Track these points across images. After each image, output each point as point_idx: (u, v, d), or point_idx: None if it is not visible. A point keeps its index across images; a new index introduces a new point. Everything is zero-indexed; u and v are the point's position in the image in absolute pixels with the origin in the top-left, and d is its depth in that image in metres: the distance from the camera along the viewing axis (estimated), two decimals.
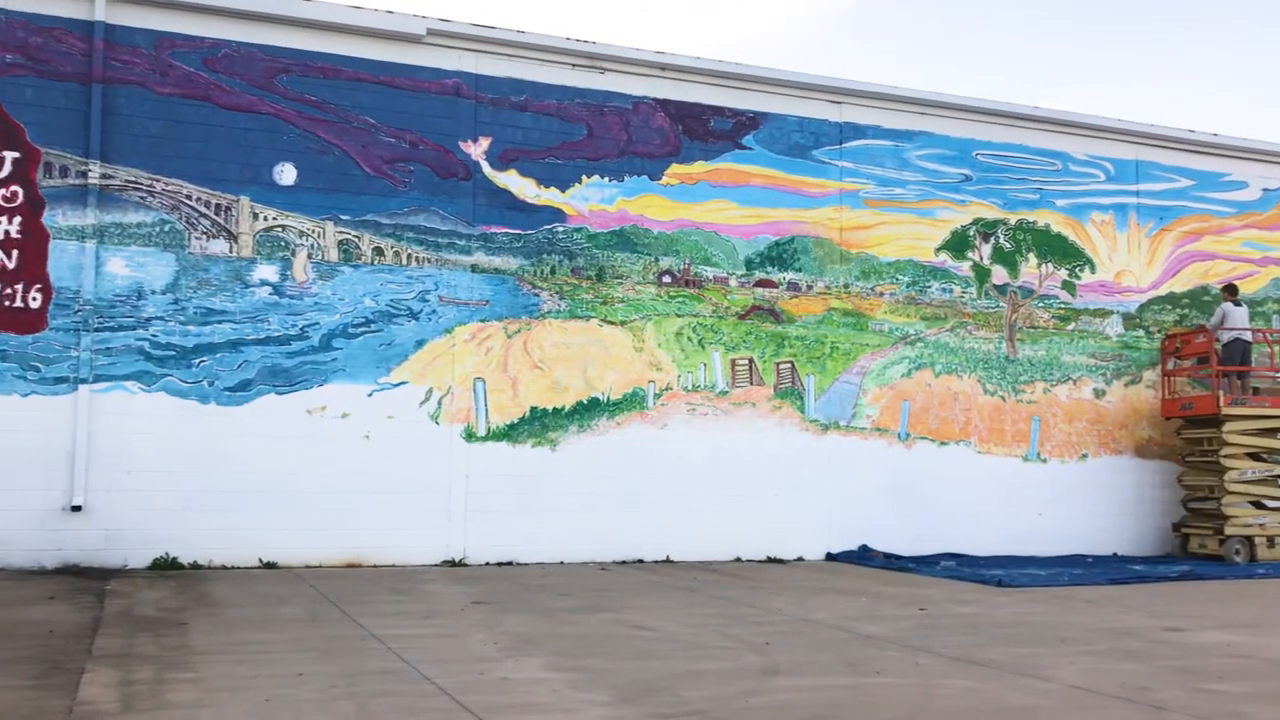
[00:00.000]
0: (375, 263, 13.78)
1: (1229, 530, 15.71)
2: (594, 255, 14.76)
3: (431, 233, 14.04)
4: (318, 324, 13.47)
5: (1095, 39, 43.60)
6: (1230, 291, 17.03)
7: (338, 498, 13.20)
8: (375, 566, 13.15)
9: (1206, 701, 6.35)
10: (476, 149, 14.31)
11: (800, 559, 15.10)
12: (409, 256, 13.93)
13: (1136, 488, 17.22)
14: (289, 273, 13.43)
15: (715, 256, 15.35)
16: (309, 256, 13.52)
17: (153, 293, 12.88)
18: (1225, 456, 15.94)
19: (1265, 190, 18.73)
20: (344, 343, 13.52)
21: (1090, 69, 43.33)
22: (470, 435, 13.90)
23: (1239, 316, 16.66)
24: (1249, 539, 15.73)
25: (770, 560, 14.88)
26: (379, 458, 13.43)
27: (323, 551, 13.03)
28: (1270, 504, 16.18)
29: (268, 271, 13.36)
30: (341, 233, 13.68)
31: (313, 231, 13.56)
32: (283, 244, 13.45)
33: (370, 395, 13.54)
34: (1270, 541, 15.76)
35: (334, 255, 13.63)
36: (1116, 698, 6.41)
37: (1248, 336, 16.73)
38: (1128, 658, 7.83)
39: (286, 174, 13.52)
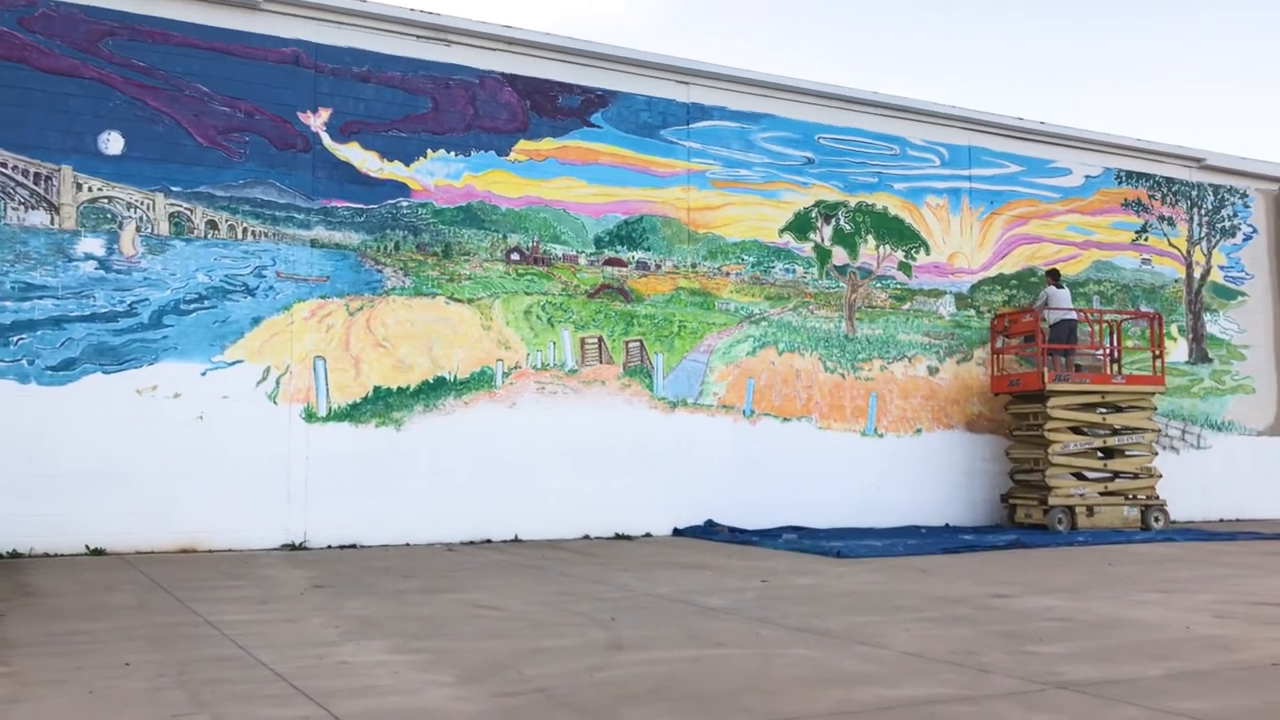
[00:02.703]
0: (209, 236, 13.26)
1: (1052, 500, 16.51)
2: (440, 231, 14.52)
3: (269, 206, 13.59)
4: (147, 300, 12.89)
5: (933, 27, 45.06)
6: (1053, 276, 17.89)
7: (170, 481, 12.70)
8: (211, 551, 12.71)
9: (1028, 663, 6.67)
10: (316, 120, 13.89)
11: (648, 535, 15.24)
12: (245, 230, 13.44)
13: (968, 460, 17.95)
14: (116, 246, 12.81)
15: (564, 234, 15.29)
16: (138, 229, 12.92)
17: None
18: (1049, 430, 16.73)
19: (1087, 177, 19.69)
20: (176, 320, 12.98)
21: (928, 58, 44.77)
22: (310, 415, 13.55)
23: (1061, 298, 17.52)
24: (1070, 509, 16.56)
25: (619, 537, 14.97)
26: (214, 439, 12.97)
27: (154, 537, 12.53)
28: (1090, 475, 17.08)
29: (93, 245, 12.71)
30: (173, 205, 13.11)
31: (142, 203, 12.96)
32: (109, 216, 12.82)
33: (204, 374, 13.05)
34: (1090, 511, 16.63)
35: (165, 228, 13.06)
36: (946, 662, 6.67)
37: (1073, 317, 17.61)
38: (957, 623, 8.15)
39: (113, 143, 12.87)
